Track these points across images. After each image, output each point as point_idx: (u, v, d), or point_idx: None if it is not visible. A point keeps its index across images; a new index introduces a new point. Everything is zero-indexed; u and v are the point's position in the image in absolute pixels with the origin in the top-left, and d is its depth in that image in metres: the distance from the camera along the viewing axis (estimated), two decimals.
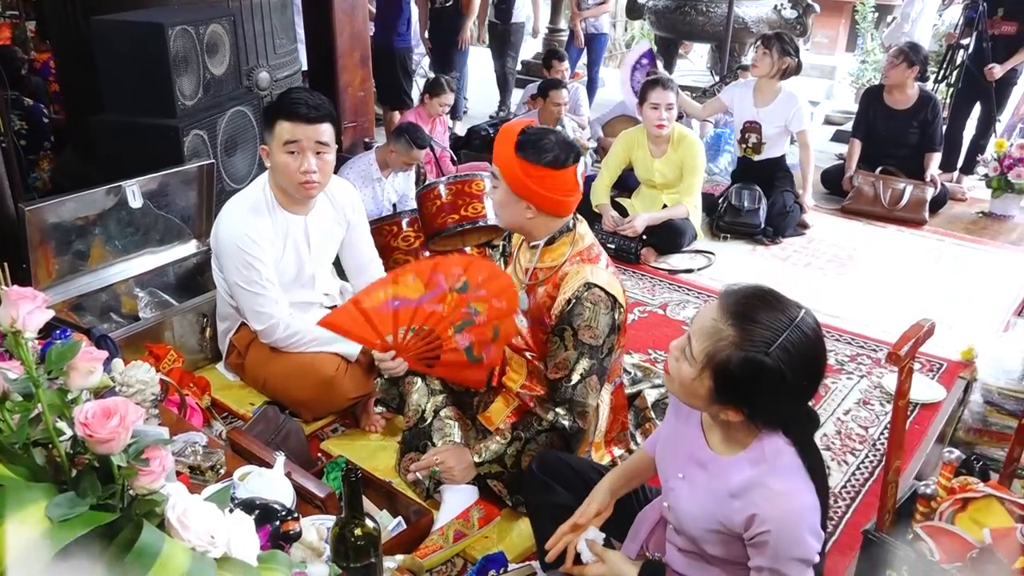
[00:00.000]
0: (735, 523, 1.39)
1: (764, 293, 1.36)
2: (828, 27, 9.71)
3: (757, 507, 1.35)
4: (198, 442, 1.82)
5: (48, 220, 2.54)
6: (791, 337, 1.29)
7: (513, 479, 2.14)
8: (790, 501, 1.34)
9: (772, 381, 1.29)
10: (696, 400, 1.40)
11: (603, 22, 7.13)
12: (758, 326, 1.30)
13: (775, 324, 1.30)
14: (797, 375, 1.30)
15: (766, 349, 1.28)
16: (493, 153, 2.06)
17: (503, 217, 2.14)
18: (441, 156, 4.75)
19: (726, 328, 1.32)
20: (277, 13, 3.81)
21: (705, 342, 1.34)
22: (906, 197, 4.70)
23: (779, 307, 1.33)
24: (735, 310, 1.32)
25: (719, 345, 1.32)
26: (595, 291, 2.03)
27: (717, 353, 1.32)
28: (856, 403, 2.88)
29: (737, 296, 1.35)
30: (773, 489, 1.34)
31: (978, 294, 3.80)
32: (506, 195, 2.06)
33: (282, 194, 2.48)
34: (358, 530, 1.34)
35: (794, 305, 1.35)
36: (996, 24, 5.08)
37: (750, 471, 1.39)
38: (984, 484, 1.80)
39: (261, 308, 2.46)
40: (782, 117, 4.44)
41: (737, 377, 1.30)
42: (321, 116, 2.35)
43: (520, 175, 2.00)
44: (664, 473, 1.59)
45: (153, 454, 0.99)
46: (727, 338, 1.31)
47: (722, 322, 1.32)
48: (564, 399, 2.08)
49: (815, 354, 1.33)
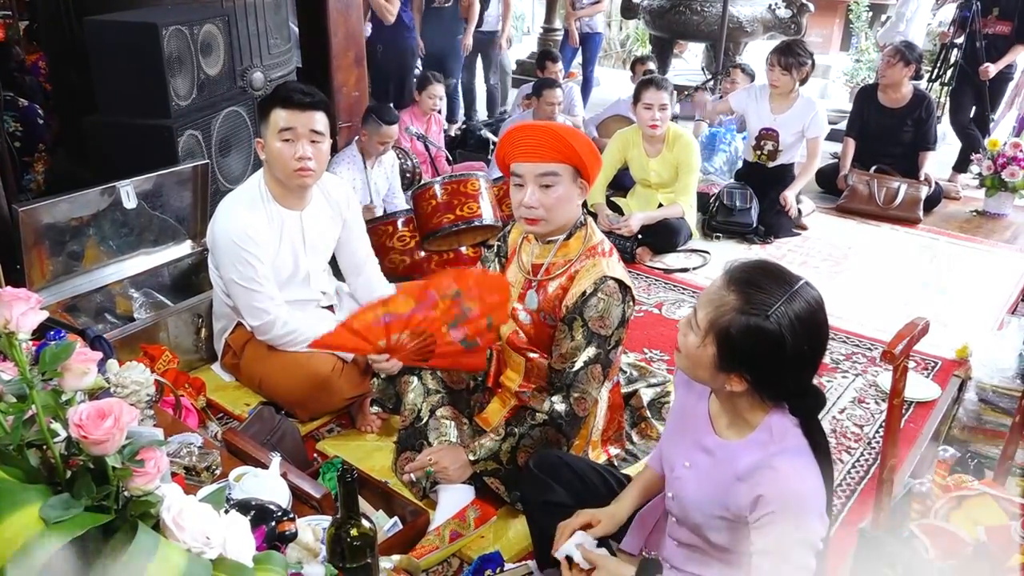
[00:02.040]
0: (741, 506, 1.40)
1: (767, 264, 1.43)
2: (822, 26, 9.73)
3: (763, 487, 1.36)
4: (193, 443, 1.82)
5: (42, 221, 2.54)
6: (791, 302, 1.33)
7: (510, 475, 2.14)
8: (796, 482, 1.35)
9: (772, 345, 1.32)
10: (702, 370, 1.42)
11: (598, 21, 7.13)
12: (759, 292, 1.35)
13: (776, 290, 1.35)
14: (797, 340, 1.33)
15: (766, 312, 1.32)
16: (544, 155, 2.02)
17: (560, 216, 2.09)
18: (436, 156, 4.75)
19: (728, 295, 1.36)
20: (271, 13, 3.80)
21: (708, 309, 1.38)
22: (901, 196, 4.71)
23: (781, 276, 1.38)
24: (737, 277, 1.38)
25: (721, 311, 1.36)
26: (610, 283, 2.05)
27: (719, 319, 1.36)
28: (851, 401, 2.89)
29: (741, 267, 1.41)
30: (779, 470, 1.36)
31: (972, 292, 3.81)
32: (570, 184, 2.06)
33: (278, 188, 2.48)
34: (354, 530, 1.34)
35: (796, 277, 1.39)
36: (990, 23, 5.10)
37: (758, 453, 1.40)
38: (979, 482, 1.80)
39: (258, 304, 2.46)
40: (800, 123, 4.45)
41: (738, 341, 1.34)
42: (315, 103, 2.38)
43: (592, 146, 2.06)
44: (670, 463, 1.60)
45: (148, 455, 0.99)
46: (729, 303, 1.36)
47: (725, 289, 1.38)
48: (564, 384, 2.09)
49: (816, 321, 1.36)
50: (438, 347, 2.16)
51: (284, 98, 2.36)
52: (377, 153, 3.99)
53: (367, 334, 2.09)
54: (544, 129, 2.05)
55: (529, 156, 2.03)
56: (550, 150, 2.01)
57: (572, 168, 2.04)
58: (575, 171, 2.05)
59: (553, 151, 2.01)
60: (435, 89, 4.92)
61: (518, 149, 2.05)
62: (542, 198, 2.04)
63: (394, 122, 3.91)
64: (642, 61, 6.14)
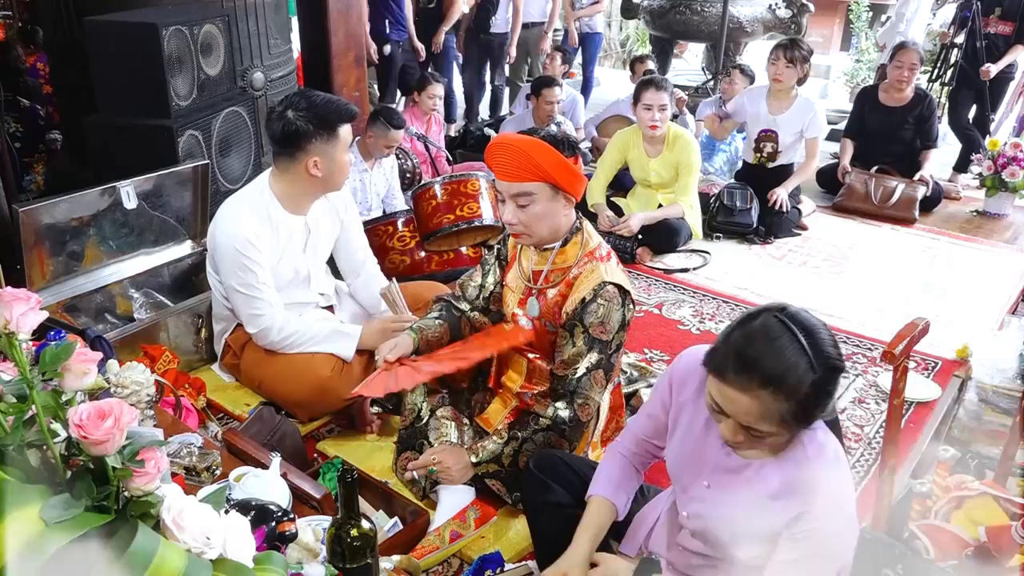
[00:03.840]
0: (777, 524, 1.37)
1: (744, 337, 1.30)
2: (823, 26, 9.73)
3: (806, 505, 1.33)
4: (193, 443, 1.82)
5: (42, 221, 2.53)
6: (806, 335, 1.27)
7: (511, 477, 2.14)
8: (837, 496, 1.33)
9: (830, 383, 1.28)
10: (779, 448, 1.37)
11: (597, 21, 7.13)
12: (780, 357, 1.26)
13: (786, 343, 1.26)
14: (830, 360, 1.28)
15: (810, 365, 1.25)
16: (516, 175, 2.00)
17: (543, 230, 2.09)
18: (437, 156, 4.75)
19: (760, 391, 1.26)
20: (272, 13, 3.80)
21: (760, 414, 1.29)
22: (897, 195, 4.71)
23: (767, 332, 1.28)
24: (752, 370, 1.27)
25: (773, 407, 1.27)
26: (609, 288, 2.05)
27: (778, 412, 1.28)
28: (851, 402, 2.89)
29: (736, 364, 1.29)
30: (821, 484, 1.33)
31: (973, 293, 3.81)
32: (547, 202, 2.04)
33: (287, 197, 2.48)
34: (354, 531, 1.34)
35: (761, 314, 1.32)
36: (992, 23, 5.10)
37: (793, 470, 1.37)
38: (979, 482, 1.80)
39: (257, 311, 2.45)
40: (799, 123, 4.44)
41: (813, 405, 1.28)
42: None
43: (566, 164, 2.01)
44: (682, 483, 1.57)
45: (148, 455, 0.99)
46: (767, 395, 1.26)
47: (752, 392, 1.27)
48: (568, 390, 2.09)
49: (825, 331, 1.31)
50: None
51: (353, 113, 2.45)
52: (380, 155, 3.99)
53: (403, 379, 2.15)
54: (514, 149, 2.00)
55: (503, 175, 2.03)
56: (520, 170, 1.99)
57: (548, 185, 2.01)
58: (552, 187, 2.02)
59: (523, 171, 1.99)
60: (435, 89, 4.92)
61: (495, 166, 2.05)
62: (520, 215, 2.04)
63: (402, 126, 3.90)
64: (642, 61, 6.14)
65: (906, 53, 4.69)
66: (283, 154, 2.42)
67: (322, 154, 2.40)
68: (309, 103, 2.37)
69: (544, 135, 2.01)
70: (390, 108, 4.07)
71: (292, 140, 2.37)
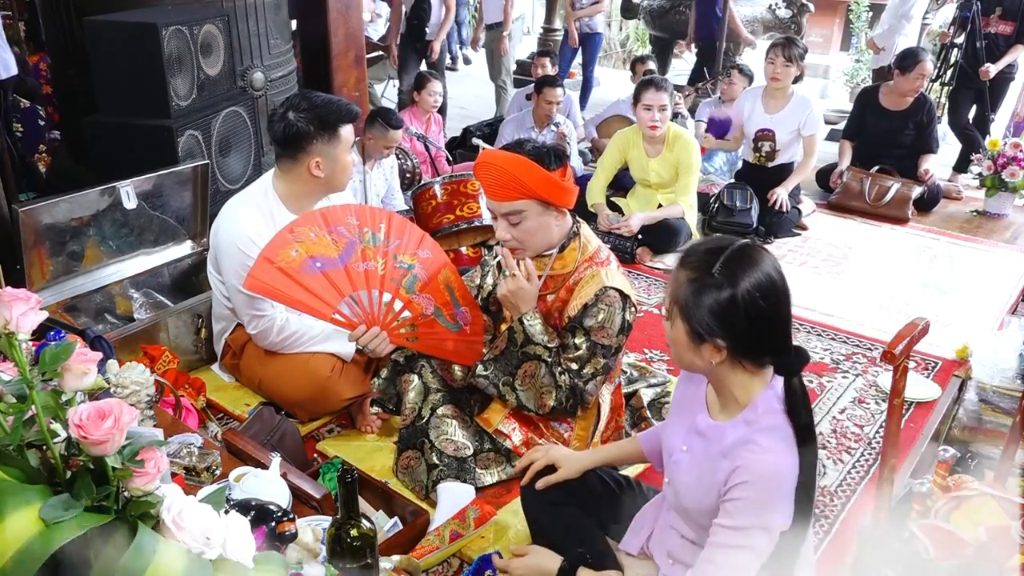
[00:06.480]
0: (721, 482, 1.43)
1: (708, 238, 1.53)
2: (822, 26, 9.73)
3: (741, 459, 1.39)
4: (193, 443, 1.82)
5: (42, 221, 2.53)
6: (731, 256, 1.39)
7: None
8: (772, 458, 1.38)
9: (726, 302, 1.37)
10: (685, 353, 1.45)
11: (597, 21, 7.11)
12: (701, 259, 1.41)
13: (715, 250, 1.41)
14: (747, 292, 1.36)
15: (709, 270, 1.39)
16: (504, 194, 2.02)
17: (538, 242, 2.11)
18: (436, 156, 4.75)
19: (679, 273, 1.44)
20: (271, 13, 3.80)
21: (668, 292, 1.46)
22: (891, 194, 4.70)
23: (719, 241, 1.44)
24: (683, 256, 1.46)
25: (678, 289, 1.42)
26: (611, 293, 2.07)
27: (677, 295, 1.42)
28: (851, 402, 2.89)
29: (686, 247, 1.50)
30: (760, 444, 1.39)
31: (972, 293, 3.81)
32: (538, 216, 2.05)
33: (290, 198, 2.48)
34: (354, 531, 1.34)
35: (733, 239, 1.45)
36: (992, 23, 5.09)
37: (743, 430, 1.43)
38: (979, 482, 1.80)
39: (258, 311, 2.45)
40: (796, 121, 4.44)
41: (696, 308, 1.38)
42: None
43: (551, 179, 2.01)
44: (668, 449, 1.61)
45: (148, 455, 0.99)
46: (680, 278, 1.43)
47: (676, 271, 1.45)
48: (574, 393, 2.13)
49: (762, 273, 1.38)
50: (417, 321, 2.18)
51: (354, 114, 2.45)
52: (380, 156, 3.99)
53: (309, 282, 2.09)
54: (497, 169, 2.01)
55: (492, 195, 2.05)
56: (506, 190, 2.01)
57: (536, 201, 2.03)
58: (541, 203, 2.04)
59: (509, 190, 2.01)
60: (434, 87, 4.91)
61: (484, 184, 2.07)
62: (513, 232, 2.07)
63: (400, 127, 3.91)
64: (643, 61, 6.13)
65: (924, 65, 4.65)
66: (285, 155, 2.43)
67: (324, 155, 2.40)
68: (310, 104, 2.38)
69: (529, 150, 2.02)
70: (388, 109, 4.08)
71: (293, 141, 2.38)
